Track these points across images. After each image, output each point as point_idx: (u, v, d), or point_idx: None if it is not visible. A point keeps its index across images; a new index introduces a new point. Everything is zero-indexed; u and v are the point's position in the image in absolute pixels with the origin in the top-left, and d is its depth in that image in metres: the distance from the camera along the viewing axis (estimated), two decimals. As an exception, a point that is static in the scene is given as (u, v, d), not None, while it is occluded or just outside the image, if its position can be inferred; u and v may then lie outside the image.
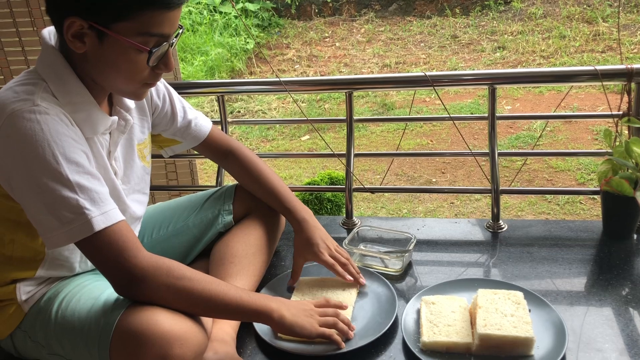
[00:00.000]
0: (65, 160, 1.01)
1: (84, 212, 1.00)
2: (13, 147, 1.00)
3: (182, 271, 1.07)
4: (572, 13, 5.98)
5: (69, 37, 1.03)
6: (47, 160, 0.99)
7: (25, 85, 1.06)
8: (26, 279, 1.19)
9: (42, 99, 1.03)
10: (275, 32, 6.73)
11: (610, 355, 1.19)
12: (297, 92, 2.05)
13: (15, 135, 0.99)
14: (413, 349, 1.21)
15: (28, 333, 1.17)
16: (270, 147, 4.45)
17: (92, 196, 1.02)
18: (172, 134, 1.44)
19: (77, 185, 1.01)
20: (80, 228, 1.00)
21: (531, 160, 3.70)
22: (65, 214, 1.00)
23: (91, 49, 1.05)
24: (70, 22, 1.01)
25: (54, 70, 1.08)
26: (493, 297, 1.28)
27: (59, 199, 0.99)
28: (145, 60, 1.06)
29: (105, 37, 1.03)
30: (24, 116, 1.00)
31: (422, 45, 6.07)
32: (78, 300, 1.13)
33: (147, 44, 1.05)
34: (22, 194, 1.02)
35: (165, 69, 1.12)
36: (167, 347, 0.99)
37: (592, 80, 1.69)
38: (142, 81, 1.11)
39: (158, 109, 1.38)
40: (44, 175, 0.99)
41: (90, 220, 1.00)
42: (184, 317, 1.07)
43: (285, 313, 1.16)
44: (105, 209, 1.03)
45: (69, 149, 1.02)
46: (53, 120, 1.02)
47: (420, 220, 1.82)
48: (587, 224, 1.73)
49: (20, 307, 1.18)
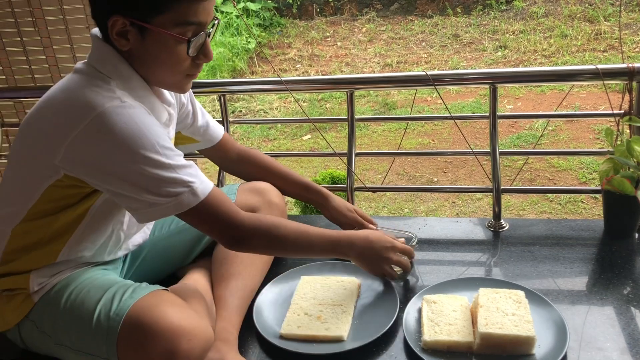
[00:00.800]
0: (161, 147, 1.08)
1: (190, 184, 1.10)
2: (108, 142, 1.04)
3: (274, 222, 1.23)
4: (574, 12, 5.98)
5: (114, 35, 1.09)
6: (148, 151, 1.06)
7: (99, 83, 1.10)
8: (42, 268, 1.20)
9: (123, 95, 1.10)
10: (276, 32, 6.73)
11: (611, 354, 1.19)
12: (298, 92, 2.06)
13: (110, 131, 1.04)
14: (414, 348, 1.21)
15: (36, 323, 1.18)
16: (271, 147, 4.46)
17: (189, 171, 1.11)
18: (192, 132, 1.51)
19: (176, 166, 1.09)
20: (188, 198, 1.09)
21: (533, 160, 3.70)
22: (171, 190, 1.08)
23: (135, 45, 1.11)
24: (113, 21, 1.07)
25: (116, 68, 1.13)
26: (494, 296, 1.28)
27: (165, 180, 1.07)
28: (185, 50, 1.12)
29: (146, 32, 1.09)
30: (117, 112, 1.05)
31: (424, 44, 6.07)
32: (88, 292, 1.15)
33: (185, 34, 1.10)
34: (118, 182, 1.07)
35: (205, 58, 1.17)
36: (175, 342, 1.00)
37: (593, 79, 1.69)
38: (184, 72, 1.17)
39: (184, 107, 1.44)
40: (147, 164, 1.06)
41: (196, 189, 1.10)
42: (192, 312, 1.08)
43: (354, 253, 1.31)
44: (201, 178, 1.14)
45: (160, 137, 1.09)
46: (142, 112, 1.09)
47: (421, 220, 1.82)
48: (588, 223, 1.73)
49: (31, 297, 1.19)
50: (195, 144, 1.55)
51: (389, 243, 1.34)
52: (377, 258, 1.33)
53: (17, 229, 1.17)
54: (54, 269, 1.22)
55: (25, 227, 1.16)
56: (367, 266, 1.34)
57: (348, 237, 1.30)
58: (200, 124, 1.50)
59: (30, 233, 1.17)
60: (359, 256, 1.32)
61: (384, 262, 1.33)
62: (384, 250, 1.33)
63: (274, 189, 1.58)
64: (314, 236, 1.27)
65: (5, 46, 2.34)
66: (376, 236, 1.33)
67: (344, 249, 1.30)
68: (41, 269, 1.20)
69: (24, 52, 2.34)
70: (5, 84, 2.41)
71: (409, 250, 1.38)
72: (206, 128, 1.52)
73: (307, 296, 1.40)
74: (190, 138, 1.52)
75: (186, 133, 1.50)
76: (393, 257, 1.34)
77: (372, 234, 1.33)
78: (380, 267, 1.34)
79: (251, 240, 1.19)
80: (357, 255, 1.31)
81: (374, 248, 1.32)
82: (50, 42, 2.29)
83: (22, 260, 1.19)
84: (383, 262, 1.33)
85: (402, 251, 1.36)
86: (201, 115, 1.50)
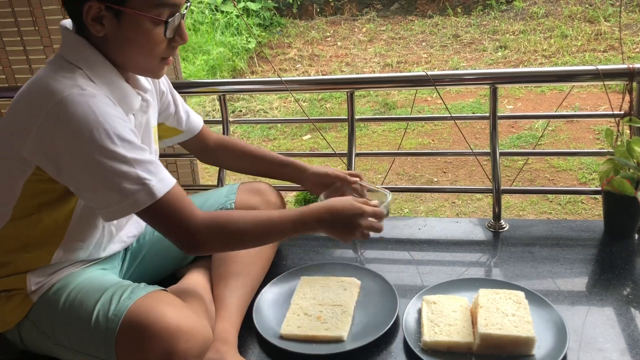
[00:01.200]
0: (119, 139, 1.05)
1: (145, 182, 1.06)
2: (65, 131, 1.03)
3: (229, 217, 1.18)
4: (574, 12, 5.97)
5: (89, 21, 1.08)
6: (103, 141, 1.04)
7: (63, 72, 1.09)
8: (38, 269, 1.19)
9: (85, 84, 1.08)
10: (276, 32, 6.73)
11: (611, 355, 1.19)
12: (298, 92, 2.06)
13: (68, 119, 1.03)
14: (414, 349, 1.21)
15: (35, 323, 1.18)
16: (271, 147, 4.45)
17: (147, 167, 1.08)
18: (176, 122, 1.50)
19: (133, 160, 1.06)
20: (144, 197, 1.06)
21: (533, 160, 3.69)
22: (128, 186, 1.05)
23: (110, 30, 1.10)
24: (88, 7, 1.07)
25: (84, 56, 1.13)
26: (494, 296, 1.28)
27: (120, 175, 1.05)
28: (162, 32, 1.12)
29: (122, 16, 1.08)
30: (74, 100, 1.04)
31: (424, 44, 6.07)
32: (86, 293, 1.15)
33: (162, 15, 1.10)
34: (76, 175, 1.07)
35: (181, 40, 1.17)
36: (173, 342, 1.00)
37: (593, 80, 1.69)
38: (159, 55, 1.17)
39: (164, 95, 1.44)
40: (102, 155, 1.04)
41: (152, 188, 1.07)
42: (190, 313, 1.08)
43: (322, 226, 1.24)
44: (160, 176, 1.10)
45: (119, 128, 1.06)
46: (101, 102, 1.07)
47: (421, 220, 1.82)
48: (588, 224, 1.73)
49: (29, 297, 1.19)
50: (180, 135, 1.54)
51: (358, 210, 1.24)
52: (346, 227, 1.24)
53: (5, 229, 1.17)
54: (51, 268, 1.21)
55: (13, 227, 1.16)
56: (338, 236, 1.26)
57: (312, 212, 1.23)
58: (182, 113, 1.50)
59: (19, 234, 1.17)
60: (328, 229, 1.24)
61: (354, 229, 1.24)
62: (352, 217, 1.24)
63: (273, 189, 1.58)
64: (275, 219, 1.21)
65: (5, 45, 2.34)
66: (342, 204, 1.25)
67: (311, 225, 1.23)
68: (37, 269, 1.20)
69: (24, 51, 2.34)
70: (5, 83, 2.40)
71: (379, 213, 1.28)
72: (187, 117, 1.52)
73: (307, 296, 1.40)
74: (175, 129, 1.52)
75: (170, 124, 1.50)
76: (363, 224, 1.24)
77: (338, 203, 1.25)
78: (351, 235, 1.25)
79: (206, 243, 1.15)
80: (326, 228, 1.24)
81: (342, 217, 1.23)
82: (50, 41, 2.29)
83: (16, 261, 1.18)
84: (353, 230, 1.24)
85: (372, 215, 1.26)
86: (181, 104, 1.50)
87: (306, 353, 1.24)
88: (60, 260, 1.22)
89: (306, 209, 1.24)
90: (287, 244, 1.71)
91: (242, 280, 1.37)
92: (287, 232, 1.23)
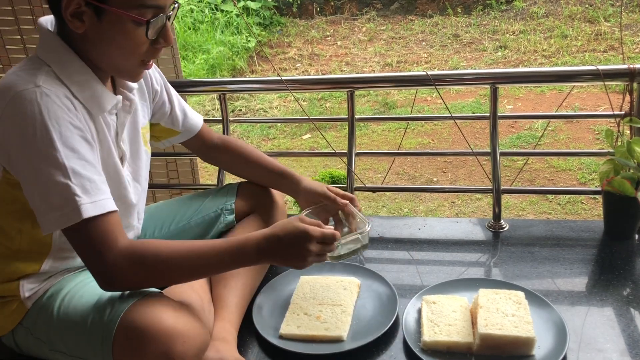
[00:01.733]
0: (61, 144, 1.01)
1: (74, 198, 1.00)
2: (14, 129, 1.01)
3: (153, 248, 1.06)
4: (574, 12, 5.97)
5: (68, 16, 1.04)
6: (44, 144, 1.00)
7: (28, 69, 1.07)
8: (31, 275, 1.19)
9: (44, 81, 1.04)
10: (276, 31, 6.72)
11: (611, 355, 1.19)
12: (299, 91, 2.06)
13: (16, 117, 1.01)
14: (414, 349, 1.21)
15: (30, 329, 1.18)
16: (271, 146, 4.45)
17: (84, 184, 1.01)
18: (171, 122, 1.46)
19: (71, 170, 1.00)
20: (69, 214, 1.00)
21: (532, 160, 3.70)
22: (56, 199, 1.00)
23: (90, 27, 1.06)
24: (67, 1, 1.03)
25: (56, 54, 1.09)
26: (494, 296, 1.28)
27: (52, 184, 1.00)
28: (144, 33, 1.07)
29: (103, 13, 1.04)
30: (25, 97, 1.01)
31: (424, 44, 6.06)
32: (81, 297, 1.14)
33: (144, 15, 1.06)
34: (21, 177, 1.04)
35: (164, 42, 1.12)
36: (170, 344, 1.00)
37: (594, 80, 1.69)
38: (140, 57, 1.12)
39: (157, 95, 1.40)
40: (39, 158, 1.00)
41: (79, 207, 0.99)
42: (187, 314, 1.07)
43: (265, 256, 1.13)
44: (95, 198, 1.02)
45: (66, 134, 1.02)
46: (54, 103, 1.02)
47: (421, 220, 1.82)
48: (588, 224, 1.73)
49: (23, 303, 1.18)
50: (177, 136, 1.50)
51: (302, 233, 1.11)
52: (293, 255, 1.13)
53: None
54: (44, 275, 1.20)
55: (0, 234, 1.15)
56: (287, 265, 1.16)
57: (252, 240, 1.11)
58: (177, 112, 1.45)
59: (6, 241, 1.16)
60: (272, 258, 1.14)
61: (304, 256, 1.13)
62: (297, 242, 1.11)
63: (273, 190, 1.57)
64: (208, 250, 1.09)
65: (5, 44, 2.34)
66: (285, 228, 1.12)
67: (251, 255, 1.11)
68: (30, 276, 1.19)
69: (24, 50, 2.33)
70: (5, 80, 2.40)
71: (328, 236, 1.14)
72: (184, 117, 1.47)
73: (307, 296, 1.40)
74: (171, 130, 1.47)
75: (166, 124, 1.45)
76: (312, 249, 1.12)
77: (279, 228, 1.13)
78: (302, 262, 1.14)
79: (123, 276, 1.03)
80: (270, 258, 1.14)
81: (286, 244, 1.11)
82: (50, 40, 2.29)
83: (6, 269, 1.17)
84: (303, 257, 1.13)
85: (320, 237, 1.13)
86: (177, 103, 1.45)
87: (306, 353, 1.24)
88: (51, 269, 1.21)
89: (247, 236, 1.12)
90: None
91: (242, 280, 1.37)
92: (225, 265, 1.12)
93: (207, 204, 1.51)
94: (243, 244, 1.11)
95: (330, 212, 1.47)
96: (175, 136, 1.50)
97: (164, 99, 1.42)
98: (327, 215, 1.48)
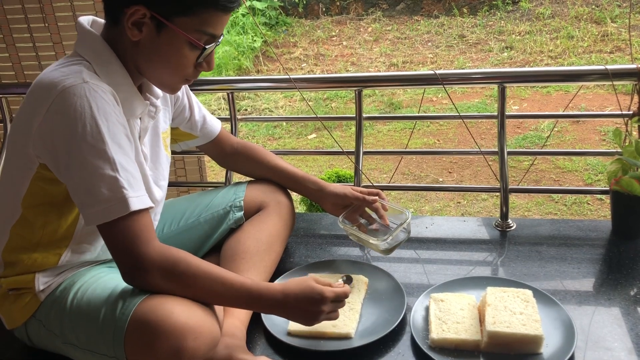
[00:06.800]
0: (110, 139, 1.04)
1: (122, 191, 1.03)
2: (63, 123, 1.03)
3: (187, 266, 1.08)
4: (581, 13, 5.96)
5: (129, 24, 1.08)
6: (93, 138, 1.02)
7: (71, 65, 1.09)
8: (47, 270, 1.20)
9: (90, 77, 1.07)
10: (282, 31, 6.73)
11: (619, 354, 1.19)
12: (306, 90, 2.06)
13: (66, 111, 1.02)
14: (422, 346, 1.21)
15: (42, 322, 1.19)
16: (277, 145, 4.46)
17: (129, 178, 1.05)
18: (190, 127, 1.50)
19: (119, 164, 1.03)
20: (116, 207, 1.02)
21: (538, 161, 3.69)
22: (104, 191, 1.02)
23: (147, 38, 1.10)
24: (134, 10, 1.07)
25: (97, 53, 1.13)
26: (502, 295, 1.28)
27: (100, 177, 1.02)
28: (196, 56, 1.13)
29: (163, 29, 1.09)
30: (74, 92, 1.03)
31: (430, 44, 6.06)
32: (94, 291, 1.15)
33: (200, 40, 1.12)
34: (67, 171, 1.05)
35: (207, 67, 1.19)
36: (181, 339, 1.00)
37: (602, 79, 1.69)
38: (185, 76, 1.18)
39: (179, 101, 1.44)
40: (89, 152, 1.02)
41: (127, 199, 1.03)
42: (199, 310, 1.08)
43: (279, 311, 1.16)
44: (139, 192, 1.06)
45: (113, 129, 1.05)
46: (102, 99, 1.05)
47: (428, 219, 1.83)
48: (596, 224, 1.73)
49: (37, 296, 1.19)
50: (195, 140, 1.55)
51: (317, 295, 1.13)
52: (305, 315, 1.16)
53: (16, 228, 1.17)
54: (59, 269, 1.22)
55: (23, 226, 1.17)
56: (297, 322, 1.18)
57: (270, 292, 1.13)
58: (197, 118, 1.50)
59: (28, 234, 1.17)
60: (286, 314, 1.16)
61: (315, 316, 1.16)
62: (310, 305, 1.14)
63: (282, 188, 1.58)
64: (232, 281, 1.11)
65: (15, 42, 2.35)
66: (301, 289, 1.14)
67: (265, 304, 1.15)
68: (46, 270, 1.20)
69: (33, 47, 2.35)
70: (15, 79, 2.42)
71: (342, 295, 1.17)
72: (203, 122, 1.52)
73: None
74: (189, 134, 1.52)
75: (184, 128, 1.50)
76: (325, 309, 1.15)
77: (295, 287, 1.14)
78: (313, 321, 1.17)
79: (150, 275, 1.05)
80: (283, 313, 1.16)
81: (299, 305, 1.14)
82: (60, 38, 2.30)
83: (25, 261, 1.19)
84: (315, 317, 1.16)
85: (334, 298, 1.16)
86: (197, 109, 1.50)
87: (314, 349, 1.25)
88: (68, 262, 1.22)
89: (269, 286, 1.15)
90: (296, 241, 1.71)
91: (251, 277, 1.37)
92: (238, 303, 1.16)
93: (217, 201, 1.52)
94: (263, 291, 1.13)
95: (358, 211, 1.52)
96: (192, 140, 1.55)
97: (185, 104, 1.46)
98: (356, 214, 1.52)
